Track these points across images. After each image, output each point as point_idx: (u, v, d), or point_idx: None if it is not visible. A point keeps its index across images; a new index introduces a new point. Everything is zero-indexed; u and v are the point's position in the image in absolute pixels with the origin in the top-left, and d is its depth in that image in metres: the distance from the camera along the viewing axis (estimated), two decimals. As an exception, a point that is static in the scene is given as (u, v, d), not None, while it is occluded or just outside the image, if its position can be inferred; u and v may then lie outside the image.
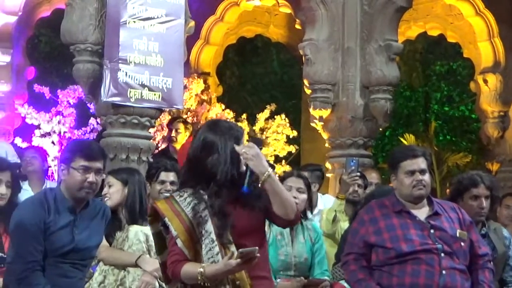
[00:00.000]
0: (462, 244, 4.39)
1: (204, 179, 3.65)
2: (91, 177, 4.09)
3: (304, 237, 5.41)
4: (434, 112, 19.38)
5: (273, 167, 8.23)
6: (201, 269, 3.55)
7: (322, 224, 6.16)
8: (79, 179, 4.09)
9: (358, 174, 6.34)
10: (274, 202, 3.62)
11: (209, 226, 3.61)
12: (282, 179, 5.50)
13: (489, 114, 10.73)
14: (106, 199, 4.89)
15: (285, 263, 5.35)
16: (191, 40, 9.28)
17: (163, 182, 5.48)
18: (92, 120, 10.32)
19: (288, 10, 10.08)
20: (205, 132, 3.69)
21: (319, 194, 6.94)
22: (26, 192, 6.86)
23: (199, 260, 3.62)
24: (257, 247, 3.51)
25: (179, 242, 3.60)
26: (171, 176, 5.51)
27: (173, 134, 8.30)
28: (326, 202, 6.91)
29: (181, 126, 8.32)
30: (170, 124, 8.48)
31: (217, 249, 3.59)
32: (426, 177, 4.46)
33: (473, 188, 5.14)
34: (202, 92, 10.68)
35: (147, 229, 4.86)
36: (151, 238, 4.80)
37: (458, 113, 18.97)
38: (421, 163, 4.46)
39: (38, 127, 9.95)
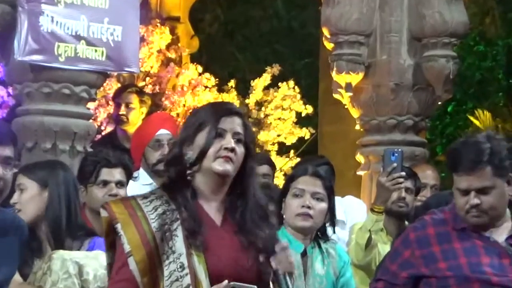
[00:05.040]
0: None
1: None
2: (-7, 169, 4.08)
3: (324, 267, 5.41)
4: (520, 76, 19.46)
5: (274, 166, 8.22)
6: None
7: (350, 250, 6.16)
8: None
9: (403, 173, 6.34)
10: None
11: (180, 246, 3.64)
12: (291, 178, 5.52)
13: None
14: (17, 210, 4.82)
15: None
16: (151, -31, 9.29)
17: (105, 183, 5.47)
18: (0, 91, 10.32)
19: None
20: None
21: (337, 197, 6.88)
22: None
23: None
24: (255, 286, 3.55)
25: (131, 263, 3.61)
26: (117, 174, 5.50)
27: (123, 110, 8.28)
28: (349, 209, 6.88)
29: (134, 99, 8.30)
30: (118, 97, 8.46)
31: (188, 280, 3.60)
32: None
33: None
34: (168, 47, 10.69)
35: (79, 255, 4.81)
36: (86, 269, 4.77)
37: (557, 77, 19.06)
38: None
39: None
